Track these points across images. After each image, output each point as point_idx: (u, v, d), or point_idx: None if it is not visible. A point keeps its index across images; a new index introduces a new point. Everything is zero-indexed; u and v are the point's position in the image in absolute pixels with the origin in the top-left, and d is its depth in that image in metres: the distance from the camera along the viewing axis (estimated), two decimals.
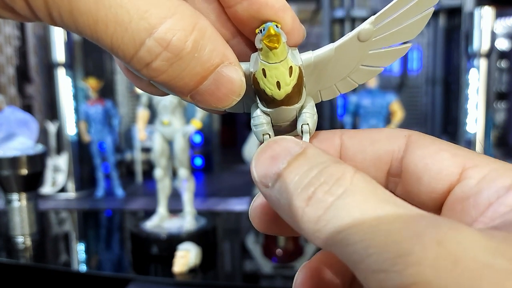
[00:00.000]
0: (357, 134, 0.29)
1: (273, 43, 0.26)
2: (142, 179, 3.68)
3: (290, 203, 0.23)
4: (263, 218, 0.29)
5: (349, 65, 0.29)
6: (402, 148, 0.27)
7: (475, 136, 3.05)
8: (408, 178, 0.27)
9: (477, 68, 3.00)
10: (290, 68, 0.27)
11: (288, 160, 0.25)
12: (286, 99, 0.28)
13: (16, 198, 2.26)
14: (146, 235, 2.01)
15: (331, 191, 0.22)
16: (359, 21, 3.89)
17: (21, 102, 3.71)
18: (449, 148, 0.26)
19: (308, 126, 0.29)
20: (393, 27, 0.29)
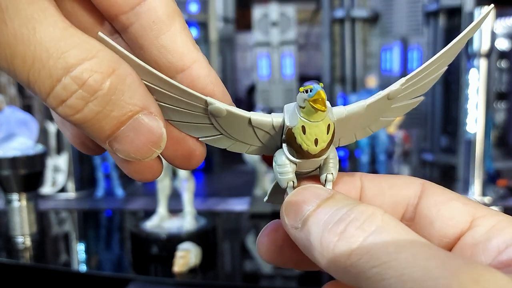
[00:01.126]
0: (377, 178, 0.32)
1: (321, 106, 0.26)
2: None
3: (321, 240, 0.25)
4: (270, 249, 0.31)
5: (372, 118, 0.31)
6: (418, 194, 0.30)
7: (475, 136, 3.05)
8: (421, 223, 0.29)
9: (477, 68, 3.00)
10: (328, 125, 0.28)
11: (318, 203, 0.27)
12: (319, 153, 0.29)
13: (16, 198, 2.26)
14: (146, 235, 2.01)
15: (363, 226, 0.24)
16: (359, 21, 3.90)
17: (21, 102, 3.71)
18: (460, 198, 0.29)
19: (332, 175, 0.30)
20: (415, 85, 0.31)
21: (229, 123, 0.30)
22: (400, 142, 3.85)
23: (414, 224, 0.30)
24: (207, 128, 0.30)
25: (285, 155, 0.30)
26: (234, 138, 0.31)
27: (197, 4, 3.97)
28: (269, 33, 4.08)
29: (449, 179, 3.57)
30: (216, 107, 0.28)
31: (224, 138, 0.31)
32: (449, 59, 0.31)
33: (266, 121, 0.30)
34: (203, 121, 0.30)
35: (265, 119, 0.30)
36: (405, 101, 0.31)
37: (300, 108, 0.27)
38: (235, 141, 0.31)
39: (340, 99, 3.99)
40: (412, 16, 3.80)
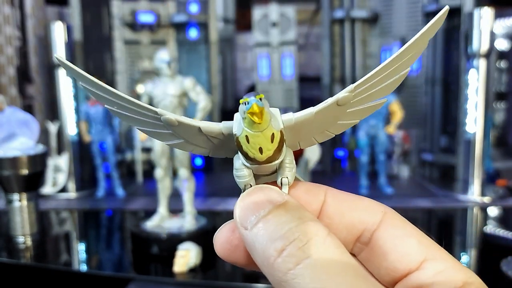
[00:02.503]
0: (340, 196, 0.32)
1: (256, 118, 0.28)
2: (142, 179, 3.68)
3: (264, 250, 0.26)
4: (225, 247, 0.32)
5: (327, 122, 0.32)
6: (377, 222, 0.30)
7: (475, 136, 3.05)
8: (375, 251, 0.30)
9: (476, 68, 3.00)
10: (272, 135, 0.29)
11: (269, 208, 0.28)
12: (267, 160, 0.30)
13: (17, 198, 2.26)
14: (146, 235, 2.02)
15: (304, 248, 0.25)
16: (359, 21, 3.90)
17: (21, 102, 3.72)
18: (417, 235, 0.30)
19: (287, 179, 0.31)
20: (371, 89, 0.31)
21: (183, 131, 0.32)
22: (399, 142, 3.86)
23: (368, 249, 0.30)
24: (169, 135, 0.32)
25: (241, 160, 0.31)
26: (194, 143, 0.33)
27: (197, 4, 3.97)
28: (269, 33, 4.09)
29: (448, 179, 3.58)
30: (167, 118, 0.30)
31: (186, 143, 0.33)
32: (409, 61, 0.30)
33: (215, 128, 0.31)
34: (163, 129, 0.32)
35: (214, 126, 0.31)
36: (364, 104, 0.31)
37: (243, 119, 0.29)
38: (193, 145, 0.33)
39: None
40: (411, 16, 3.81)
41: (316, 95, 4.87)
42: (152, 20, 3.92)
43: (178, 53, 4.06)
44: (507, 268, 1.78)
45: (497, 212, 2.85)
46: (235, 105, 5.64)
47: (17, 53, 3.69)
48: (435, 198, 3.04)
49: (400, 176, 3.74)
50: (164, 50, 2.13)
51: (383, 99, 0.31)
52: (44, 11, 4.07)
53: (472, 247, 2.25)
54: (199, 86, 2.11)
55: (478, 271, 1.93)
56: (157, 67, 2.11)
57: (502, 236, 2.36)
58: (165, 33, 4.04)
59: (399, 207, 2.86)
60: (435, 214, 2.83)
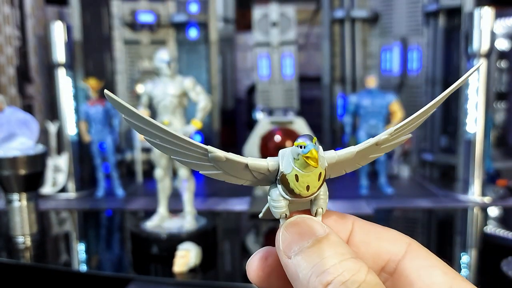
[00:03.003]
0: (366, 226, 0.34)
1: (313, 162, 0.29)
2: (142, 179, 3.68)
3: (308, 281, 0.28)
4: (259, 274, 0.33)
5: (362, 158, 0.34)
6: (402, 253, 0.32)
7: (475, 136, 3.05)
8: (400, 280, 0.31)
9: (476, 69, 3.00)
10: (320, 174, 0.31)
11: (313, 240, 0.30)
12: (310, 195, 0.32)
13: (17, 198, 2.26)
14: (146, 235, 2.02)
15: (347, 284, 0.27)
16: (359, 21, 3.90)
17: (21, 102, 3.71)
18: (441, 266, 0.31)
19: (322, 209, 0.33)
20: (402, 131, 0.33)
21: (228, 166, 0.33)
22: None
23: (393, 279, 0.32)
24: (208, 166, 0.34)
25: (279, 192, 0.33)
26: (232, 175, 0.35)
27: (197, 4, 3.97)
28: (269, 33, 4.09)
29: (449, 179, 3.58)
30: (216, 156, 0.32)
31: (224, 174, 0.35)
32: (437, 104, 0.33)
33: (262, 165, 0.33)
34: (204, 161, 0.33)
35: (261, 163, 0.33)
36: (394, 141, 0.34)
37: (294, 159, 0.30)
38: (233, 176, 0.35)
39: (340, 99, 3.99)
40: (412, 16, 3.81)
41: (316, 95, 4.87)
42: (152, 20, 3.92)
43: (178, 53, 4.05)
44: (507, 268, 1.78)
45: (497, 212, 2.85)
46: (235, 105, 5.64)
47: (17, 53, 3.69)
48: (435, 198, 3.04)
49: (401, 176, 3.74)
50: (164, 50, 2.12)
51: (408, 135, 0.34)
52: (44, 11, 4.07)
53: (472, 247, 2.25)
54: (199, 86, 2.11)
55: (478, 271, 1.93)
56: (157, 67, 2.10)
57: (502, 236, 2.36)
58: (165, 33, 4.04)
59: (399, 207, 2.85)
60: (435, 214, 2.82)
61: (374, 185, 3.20)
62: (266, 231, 2.42)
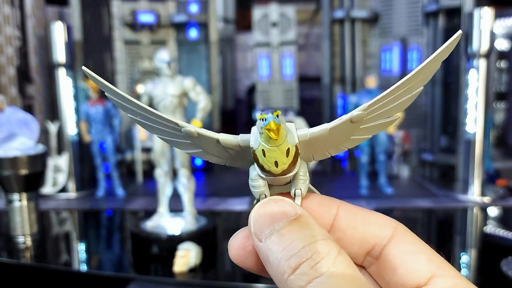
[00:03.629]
0: (353, 210, 0.33)
1: (273, 134, 0.29)
2: (142, 179, 3.68)
3: (278, 265, 0.28)
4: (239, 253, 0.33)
5: (341, 137, 0.33)
6: (388, 237, 0.32)
7: (475, 136, 3.05)
8: (384, 265, 0.31)
9: (476, 69, 3.00)
10: (287, 149, 0.30)
11: (284, 223, 0.29)
12: (282, 172, 0.31)
13: (17, 198, 2.26)
14: (146, 235, 2.02)
15: (315, 267, 0.27)
16: (359, 21, 3.90)
17: (21, 102, 3.72)
18: (427, 252, 0.30)
19: (300, 190, 0.33)
20: (383, 108, 0.32)
21: (202, 142, 0.33)
22: (399, 142, 3.86)
23: (378, 263, 0.32)
24: (188, 145, 0.34)
25: (256, 171, 0.32)
26: (211, 153, 0.35)
27: (197, 4, 3.97)
28: (269, 33, 4.09)
29: (448, 179, 3.58)
30: (187, 130, 0.32)
31: (204, 153, 0.35)
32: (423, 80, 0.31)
33: (232, 141, 0.33)
34: (183, 139, 0.34)
35: (231, 139, 0.33)
36: (377, 121, 0.32)
37: (259, 134, 0.30)
38: (213, 155, 0.35)
39: (339, 99, 4.00)
40: (411, 16, 3.81)
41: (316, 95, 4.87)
42: (152, 20, 3.92)
43: (178, 53, 4.06)
44: (507, 268, 1.78)
45: (497, 212, 2.85)
46: (235, 105, 5.64)
47: (17, 53, 3.69)
48: (435, 198, 3.04)
49: (400, 176, 3.74)
50: (164, 50, 2.13)
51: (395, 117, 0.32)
52: (44, 11, 4.07)
53: (472, 247, 2.25)
54: (199, 86, 2.11)
55: (478, 271, 1.93)
56: (157, 67, 2.11)
57: (502, 236, 2.36)
58: (165, 33, 4.04)
59: (399, 207, 2.86)
60: (435, 214, 2.83)
61: (374, 185, 3.21)
62: None
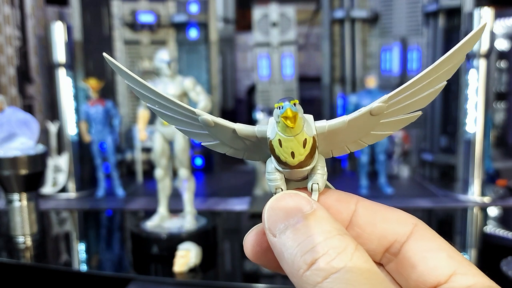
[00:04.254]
0: (372, 207, 0.32)
1: (290, 123, 0.28)
2: (142, 179, 3.68)
3: (293, 261, 0.27)
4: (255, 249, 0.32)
5: (360, 132, 0.32)
6: (407, 234, 0.31)
7: (475, 136, 3.05)
8: (404, 262, 0.30)
9: (476, 69, 3.00)
10: (304, 140, 0.29)
11: (299, 218, 0.28)
12: (299, 165, 0.30)
13: (17, 198, 2.26)
14: (146, 235, 2.02)
15: (332, 263, 0.26)
16: (359, 21, 3.90)
17: (21, 102, 3.72)
18: (447, 249, 0.30)
19: (317, 185, 0.32)
20: (405, 101, 0.30)
21: (219, 132, 0.32)
22: (399, 142, 3.86)
23: (397, 260, 0.31)
24: (206, 136, 0.33)
25: (273, 164, 0.32)
26: (228, 145, 0.34)
27: (197, 4, 3.98)
28: (269, 33, 4.09)
29: (448, 179, 3.58)
30: (204, 119, 0.31)
31: (222, 145, 0.34)
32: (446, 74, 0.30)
33: (249, 131, 0.32)
34: (200, 129, 0.33)
35: (249, 129, 0.32)
36: (399, 116, 0.31)
37: (276, 123, 0.29)
38: (231, 147, 0.34)
39: (339, 99, 4.00)
40: (411, 16, 3.81)
41: (316, 95, 4.87)
42: (152, 20, 3.92)
43: (178, 53, 4.06)
44: (507, 268, 1.78)
45: (497, 212, 2.85)
46: (235, 105, 5.64)
47: (17, 53, 3.69)
48: (435, 198, 3.04)
49: (400, 176, 3.75)
50: (164, 50, 2.13)
51: (418, 112, 0.31)
52: (44, 11, 4.07)
53: (472, 247, 2.25)
54: (199, 86, 2.11)
55: None
56: (157, 67, 2.11)
57: (502, 236, 2.36)
58: (165, 33, 4.04)
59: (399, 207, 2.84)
60: (435, 214, 2.83)
61: (374, 185, 3.21)
62: None
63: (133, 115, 3.95)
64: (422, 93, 0.30)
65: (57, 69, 3.24)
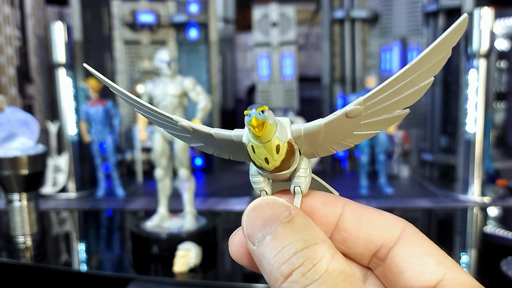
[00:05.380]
0: (359, 210, 0.31)
1: (257, 131, 0.28)
2: (142, 179, 3.68)
3: (270, 271, 0.27)
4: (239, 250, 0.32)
5: (341, 133, 0.31)
6: (395, 239, 0.30)
7: (475, 136, 3.05)
8: (391, 268, 0.29)
9: (476, 69, 3.00)
10: (277, 146, 0.29)
11: (276, 226, 0.28)
12: (276, 169, 0.30)
13: (17, 198, 2.26)
14: (146, 235, 2.02)
15: (307, 275, 0.25)
16: (359, 21, 3.90)
17: (21, 103, 3.72)
18: (436, 254, 0.29)
19: (300, 188, 0.31)
20: (386, 101, 0.28)
21: (199, 136, 0.33)
22: (399, 142, 3.86)
23: (385, 265, 0.30)
24: (191, 138, 0.34)
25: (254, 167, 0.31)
26: (214, 147, 0.34)
27: (197, 4, 3.98)
28: (269, 33, 4.09)
29: (448, 179, 3.58)
30: (182, 125, 0.32)
31: (208, 146, 0.34)
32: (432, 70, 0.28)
33: (226, 136, 0.31)
34: (185, 133, 0.33)
35: (225, 134, 0.31)
36: (382, 116, 0.29)
37: (249, 130, 0.29)
38: (216, 149, 0.34)
39: (339, 99, 4.00)
40: (411, 16, 3.81)
41: (316, 95, 4.87)
42: (152, 20, 3.92)
43: (178, 53, 4.06)
44: (507, 268, 1.78)
45: (497, 212, 2.85)
46: (235, 105, 5.64)
47: (17, 53, 3.69)
48: (435, 198, 3.04)
49: (400, 176, 3.74)
50: (164, 50, 2.13)
51: (405, 110, 0.29)
52: (44, 11, 4.07)
53: (472, 247, 2.25)
54: (199, 86, 2.11)
55: (478, 271, 1.93)
56: (157, 67, 2.11)
57: (502, 236, 2.36)
58: (165, 33, 4.04)
59: (399, 207, 2.86)
60: (435, 214, 2.83)
61: (374, 185, 3.21)
62: None
63: (133, 115, 3.95)
64: (405, 92, 0.28)
65: (57, 69, 3.24)
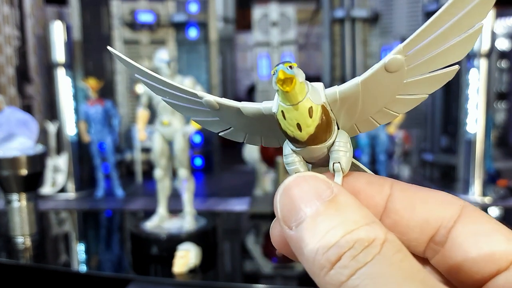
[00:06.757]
0: (410, 189, 0.28)
1: (285, 86, 0.24)
2: (142, 179, 3.67)
3: (314, 259, 0.23)
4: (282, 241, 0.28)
5: (383, 96, 0.27)
6: (454, 217, 0.26)
7: (475, 136, 3.05)
8: (453, 251, 0.26)
9: (477, 68, 3.00)
10: (310, 108, 0.25)
11: (317, 207, 0.24)
12: (311, 139, 0.26)
13: (16, 199, 2.25)
14: (146, 235, 2.01)
15: (358, 258, 0.22)
16: (359, 21, 3.90)
17: (21, 102, 3.71)
18: (503, 231, 0.25)
19: (339, 165, 0.27)
20: (431, 51, 0.25)
21: (226, 115, 0.29)
22: (400, 142, 3.85)
23: (444, 250, 0.26)
24: (218, 123, 0.30)
25: (288, 146, 0.28)
26: (243, 130, 0.30)
27: (197, 4, 3.97)
28: (269, 33, 4.08)
29: (449, 179, 3.57)
30: (207, 100, 0.28)
31: (236, 131, 0.30)
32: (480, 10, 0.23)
33: (255, 109, 0.28)
34: (212, 117, 0.30)
35: (253, 106, 0.28)
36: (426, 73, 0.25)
37: (276, 92, 0.26)
38: (246, 133, 0.30)
39: None
40: (412, 16, 3.80)
41: None
42: (151, 20, 3.91)
43: (178, 53, 4.05)
44: None
45: (498, 212, 2.84)
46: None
47: (16, 53, 3.68)
48: None
49: (401, 176, 3.74)
50: (163, 50, 2.12)
51: (455, 66, 0.25)
52: (44, 11, 4.06)
53: None
54: (199, 86, 2.10)
55: None
56: (157, 67, 2.10)
57: None
58: (165, 33, 4.03)
59: None
60: None
61: None
62: (266, 231, 2.41)
63: (133, 115, 3.94)
64: (452, 40, 0.24)
65: (56, 68, 3.23)
